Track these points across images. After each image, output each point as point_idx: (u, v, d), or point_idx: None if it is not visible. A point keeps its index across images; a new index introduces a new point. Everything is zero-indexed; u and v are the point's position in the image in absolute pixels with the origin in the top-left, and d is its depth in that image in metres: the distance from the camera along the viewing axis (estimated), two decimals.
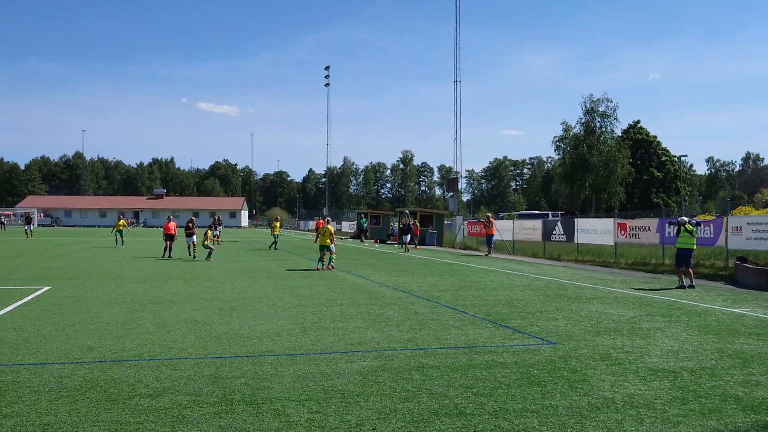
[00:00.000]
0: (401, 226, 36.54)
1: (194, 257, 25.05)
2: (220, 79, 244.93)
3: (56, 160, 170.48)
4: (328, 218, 23.98)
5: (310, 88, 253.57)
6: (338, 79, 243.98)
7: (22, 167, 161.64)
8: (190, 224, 26.06)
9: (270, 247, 34.13)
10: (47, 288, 14.61)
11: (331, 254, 21.25)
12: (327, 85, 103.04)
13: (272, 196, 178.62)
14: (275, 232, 33.75)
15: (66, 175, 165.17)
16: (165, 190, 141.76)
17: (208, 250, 25.13)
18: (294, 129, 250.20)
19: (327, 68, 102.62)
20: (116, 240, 35.54)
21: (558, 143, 69.00)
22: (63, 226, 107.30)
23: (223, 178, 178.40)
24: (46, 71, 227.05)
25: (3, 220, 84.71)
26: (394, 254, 31.01)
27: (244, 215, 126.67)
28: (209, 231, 25.88)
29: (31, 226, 49.37)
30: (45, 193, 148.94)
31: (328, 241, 20.97)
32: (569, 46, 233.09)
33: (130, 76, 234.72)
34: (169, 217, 27.64)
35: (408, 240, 34.41)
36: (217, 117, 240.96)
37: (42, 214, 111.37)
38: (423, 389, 6.38)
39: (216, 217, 40.86)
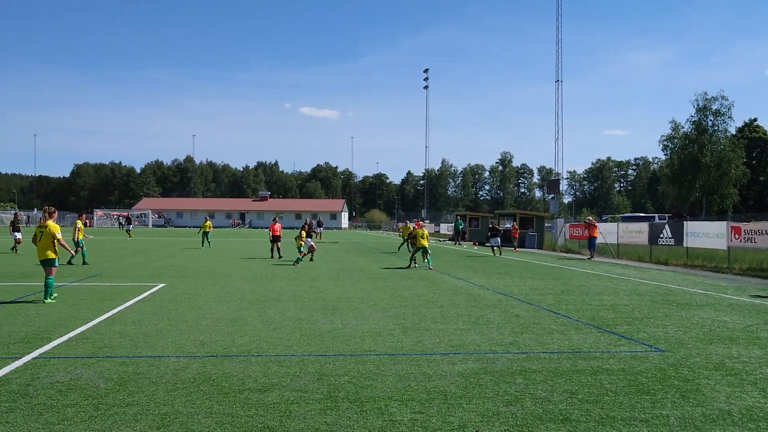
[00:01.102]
0: (489, 228, 34.58)
1: (311, 258, 25.25)
2: (322, 84, 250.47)
3: (169, 163, 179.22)
4: (418, 221, 24.51)
5: (408, 91, 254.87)
6: (437, 82, 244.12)
7: (138, 171, 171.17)
8: (306, 226, 25.51)
9: (399, 249, 34.06)
10: (162, 285, 15.40)
11: (428, 255, 22.34)
12: (426, 87, 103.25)
13: (371, 198, 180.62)
14: (404, 236, 33.27)
15: (178, 178, 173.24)
16: (269, 193, 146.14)
17: (298, 256, 23.81)
18: (393, 132, 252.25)
19: (426, 71, 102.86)
20: (202, 241, 34.99)
21: (666, 143, 66.10)
22: (175, 226, 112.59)
23: (324, 180, 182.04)
24: (161, 80, 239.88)
25: (121, 221, 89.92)
26: (492, 256, 30.69)
27: (344, 217, 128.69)
28: (303, 232, 24.79)
29: (131, 226, 52.00)
30: (158, 195, 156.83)
31: (425, 242, 21.72)
32: (678, 42, 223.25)
33: (237, 83, 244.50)
34: (275, 218, 28.22)
35: (497, 243, 32.15)
36: (319, 121, 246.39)
37: (156, 215, 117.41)
38: (526, 393, 6.30)
39: (317, 219, 41.49)
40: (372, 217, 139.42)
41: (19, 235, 29.16)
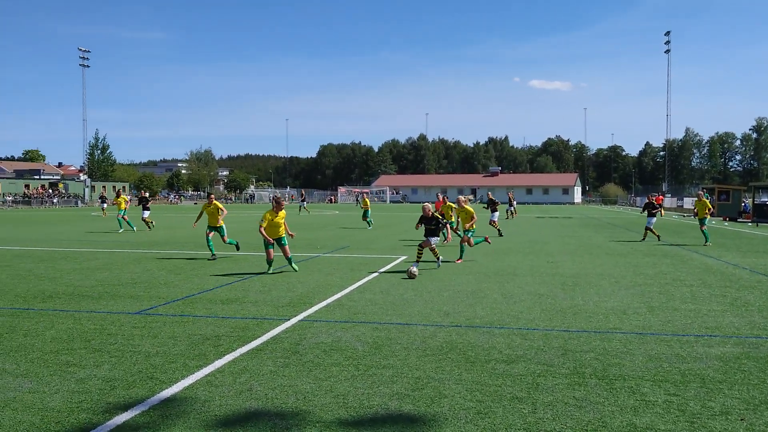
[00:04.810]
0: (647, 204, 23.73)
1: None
2: (552, 56, 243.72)
3: (403, 142, 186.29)
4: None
5: (646, 57, 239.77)
6: (679, 45, 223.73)
7: (376, 150, 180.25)
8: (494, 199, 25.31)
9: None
10: (403, 257, 16.19)
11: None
12: (667, 51, 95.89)
13: (606, 171, 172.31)
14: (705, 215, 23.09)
15: (412, 156, 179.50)
16: (500, 168, 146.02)
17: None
18: (629, 101, 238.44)
19: (667, 34, 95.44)
20: (367, 221, 30.23)
21: None
22: (410, 202, 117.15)
23: (555, 154, 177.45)
24: (395, 61, 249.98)
25: (358, 198, 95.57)
26: (747, 233, 27.89)
27: (577, 192, 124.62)
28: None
29: (305, 203, 53.57)
30: (395, 172, 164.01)
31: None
32: None
33: (466, 60, 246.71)
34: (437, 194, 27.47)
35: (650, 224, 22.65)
36: (549, 93, 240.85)
37: (393, 192, 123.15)
38: None
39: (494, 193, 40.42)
40: (607, 191, 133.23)
41: (146, 214, 28.40)
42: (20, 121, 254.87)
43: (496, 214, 26.09)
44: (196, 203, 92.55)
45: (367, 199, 31.65)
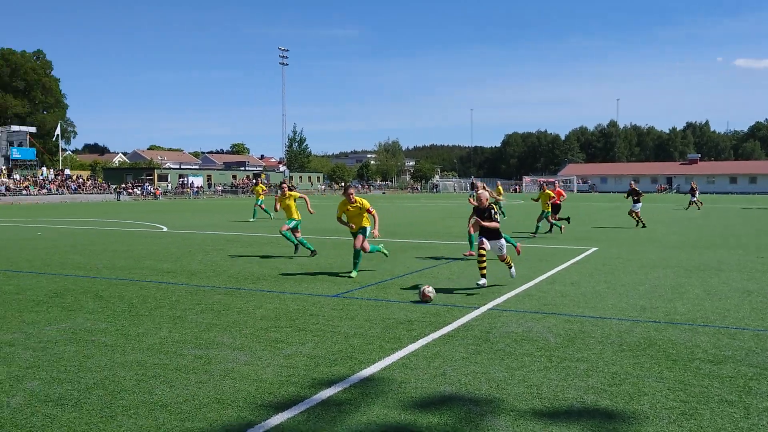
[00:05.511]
0: None
1: None
2: (762, 32, 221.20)
3: (592, 129, 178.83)
4: None
5: None
6: None
7: (563, 138, 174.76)
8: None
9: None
10: (594, 249, 15.63)
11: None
12: None
13: None
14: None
15: (601, 144, 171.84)
16: (699, 155, 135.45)
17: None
18: None
19: None
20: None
21: None
22: (599, 191, 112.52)
23: (764, 139, 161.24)
24: (585, 47, 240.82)
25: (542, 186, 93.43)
26: None
27: None
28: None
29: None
30: (582, 161, 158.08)
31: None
32: None
33: (662, 41, 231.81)
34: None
35: None
36: (758, 73, 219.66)
37: (580, 181, 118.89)
38: None
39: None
40: None
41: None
42: (229, 117, 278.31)
43: (639, 204, 24.24)
44: (384, 192, 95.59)
45: (500, 188, 31.32)
